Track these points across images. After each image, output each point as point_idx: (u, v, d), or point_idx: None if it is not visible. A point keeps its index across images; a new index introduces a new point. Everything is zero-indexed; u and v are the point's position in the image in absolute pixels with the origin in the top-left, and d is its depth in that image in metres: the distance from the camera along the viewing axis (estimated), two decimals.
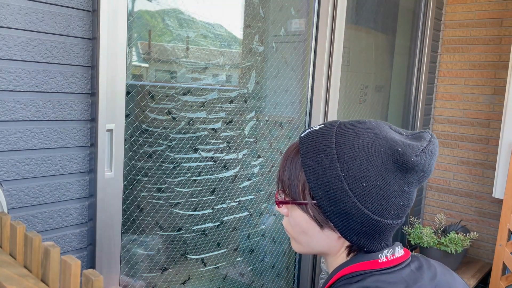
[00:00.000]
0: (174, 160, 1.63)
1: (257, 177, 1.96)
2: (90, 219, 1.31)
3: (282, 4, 1.99)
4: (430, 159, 0.82)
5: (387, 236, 0.85)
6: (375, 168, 0.80)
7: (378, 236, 0.83)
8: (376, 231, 0.82)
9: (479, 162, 3.05)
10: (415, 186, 0.84)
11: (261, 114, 1.94)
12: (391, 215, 0.82)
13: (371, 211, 0.80)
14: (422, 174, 0.82)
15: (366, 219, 0.81)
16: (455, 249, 2.58)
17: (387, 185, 0.80)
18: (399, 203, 0.82)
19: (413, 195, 0.84)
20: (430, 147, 0.82)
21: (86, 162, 1.28)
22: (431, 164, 0.83)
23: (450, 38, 3.14)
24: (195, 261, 1.76)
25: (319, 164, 0.82)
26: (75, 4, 1.20)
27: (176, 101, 1.60)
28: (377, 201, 0.80)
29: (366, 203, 0.80)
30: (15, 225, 0.92)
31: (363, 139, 0.82)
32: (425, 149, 0.81)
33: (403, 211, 0.84)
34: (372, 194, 0.80)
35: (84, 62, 1.24)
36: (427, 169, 0.82)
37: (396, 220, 0.84)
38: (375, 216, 0.81)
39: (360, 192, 0.80)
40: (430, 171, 0.83)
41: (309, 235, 0.87)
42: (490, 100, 2.99)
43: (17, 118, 1.14)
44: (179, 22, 1.59)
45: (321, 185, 0.82)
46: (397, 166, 0.80)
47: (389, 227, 0.83)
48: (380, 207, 0.81)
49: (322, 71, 2.08)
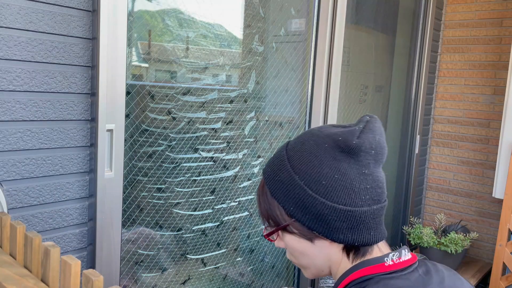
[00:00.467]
0: (174, 160, 1.63)
1: (257, 177, 1.96)
2: (90, 219, 1.31)
3: (282, 4, 1.99)
4: (374, 136, 0.84)
5: (373, 224, 0.85)
6: (327, 164, 0.83)
7: (363, 227, 0.84)
8: (357, 222, 0.83)
9: (479, 162, 3.05)
10: (374, 166, 0.85)
11: (261, 114, 1.94)
12: (364, 202, 0.83)
13: (342, 204, 0.82)
14: (373, 152, 0.84)
15: (341, 213, 0.83)
16: (455, 249, 2.58)
17: (344, 175, 0.82)
18: (365, 187, 0.83)
19: (377, 175, 0.85)
20: (369, 126, 0.84)
21: (86, 162, 1.28)
22: (378, 141, 0.84)
23: (450, 38, 3.14)
24: (195, 261, 1.76)
25: (281, 183, 0.86)
26: (75, 4, 1.20)
27: (176, 101, 1.60)
28: (342, 193, 0.82)
29: (333, 199, 0.82)
30: (15, 225, 0.92)
31: (308, 144, 0.86)
32: (364, 129, 0.84)
33: (376, 193, 0.85)
34: (336, 188, 0.82)
35: (84, 62, 1.24)
36: (376, 146, 0.84)
37: (374, 206, 0.85)
38: (347, 207, 0.82)
39: (323, 191, 0.82)
40: (381, 147, 0.85)
41: (307, 255, 0.89)
42: (490, 100, 2.99)
43: (17, 118, 1.14)
44: (179, 22, 1.59)
45: (289, 200, 0.85)
46: (345, 153, 0.83)
47: (369, 214, 0.84)
48: (348, 197, 0.82)
49: (322, 71, 2.08)
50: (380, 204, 0.86)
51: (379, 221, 0.86)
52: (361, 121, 0.86)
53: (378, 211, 0.85)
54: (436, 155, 3.25)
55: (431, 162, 3.27)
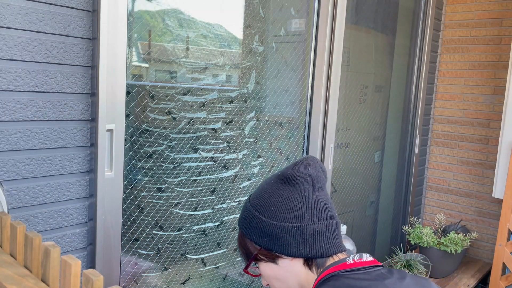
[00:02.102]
0: (174, 160, 1.63)
1: (257, 177, 1.96)
2: (90, 219, 1.31)
3: (282, 4, 1.99)
4: (306, 166, 1.05)
5: (324, 238, 1.01)
6: (273, 194, 1.04)
7: (312, 240, 1.00)
8: (304, 236, 1.00)
9: (479, 162, 3.05)
10: (313, 189, 1.03)
11: (261, 114, 1.95)
12: (308, 218, 1.01)
13: (288, 221, 1.01)
14: (308, 179, 1.04)
15: (289, 229, 1.00)
16: (455, 249, 2.58)
17: (287, 199, 1.02)
18: (307, 206, 1.01)
19: (318, 197, 1.03)
20: (301, 160, 1.07)
21: (86, 162, 1.28)
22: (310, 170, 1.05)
23: (450, 38, 3.14)
24: (195, 261, 1.77)
25: (246, 220, 1.07)
26: (75, 4, 1.20)
27: (176, 101, 1.60)
28: (287, 213, 1.01)
29: (281, 219, 1.01)
30: (15, 225, 0.92)
31: (261, 186, 1.10)
32: (297, 163, 1.06)
33: (319, 211, 1.01)
34: (282, 211, 1.02)
35: (84, 62, 1.24)
36: (309, 174, 1.04)
37: (319, 221, 1.01)
38: (293, 224, 1.00)
39: (273, 215, 1.02)
40: (315, 175, 1.04)
41: (278, 278, 1.04)
42: (490, 100, 3.00)
43: (17, 118, 1.14)
44: (179, 22, 1.59)
45: (252, 230, 1.05)
46: (285, 183, 1.05)
47: (316, 229, 1.00)
48: (293, 215, 1.01)
49: (322, 71, 2.08)
50: (327, 220, 1.02)
51: (331, 236, 1.02)
52: (300, 159, 1.09)
53: (326, 226, 1.01)
54: (436, 155, 3.25)
55: (431, 162, 3.27)
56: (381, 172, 2.95)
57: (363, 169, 2.73)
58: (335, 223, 1.03)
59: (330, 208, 1.04)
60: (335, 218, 1.04)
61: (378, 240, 3.02)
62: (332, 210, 1.04)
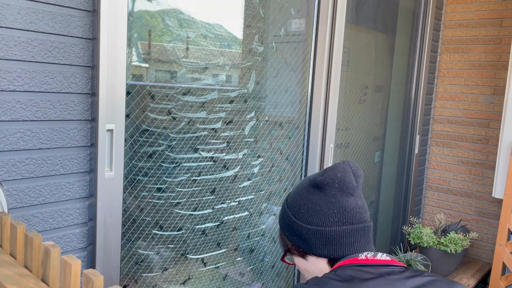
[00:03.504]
0: (174, 160, 1.63)
1: (257, 177, 1.96)
2: (90, 219, 1.31)
3: (282, 4, 1.99)
4: (335, 173, 1.12)
5: (347, 242, 1.08)
6: (304, 197, 1.14)
7: (335, 243, 1.09)
8: (328, 239, 1.09)
9: (479, 162, 3.05)
10: (341, 196, 1.10)
11: (261, 114, 1.95)
12: (333, 223, 1.09)
13: (314, 225, 1.10)
14: (337, 185, 1.11)
15: (314, 232, 1.10)
16: (455, 249, 2.58)
17: (315, 203, 1.12)
18: (333, 212, 1.09)
19: (345, 203, 1.10)
20: (332, 167, 1.15)
21: (86, 162, 1.28)
22: (339, 177, 1.12)
23: (450, 38, 3.14)
24: (195, 261, 1.77)
25: (282, 217, 1.19)
26: (75, 4, 1.20)
27: (176, 101, 1.60)
28: (314, 217, 1.10)
29: (308, 222, 1.11)
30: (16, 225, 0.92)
31: (296, 188, 1.19)
32: (327, 169, 1.14)
33: (344, 217, 1.09)
34: (309, 214, 1.11)
35: (84, 62, 1.24)
36: (338, 181, 1.11)
37: (344, 226, 1.08)
38: (318, 227, 1.10)
39: (301, 217, 1.13)
40: (343, 181, 1.11)
41: (307, 271, 1.15)
42: (490, 100, 3.00)
43: (17, 118, 1.14)
44: (179, 22, 1.59)
45: (286, 228, 1.17)
46: (315, 188, 1.14)
47: (340, 233, 1.08)
48: (319, 219, 1.10)
49: (322, 71, 2.08)
50: (353, 225, 1.09)
51: (356, 240, 1.09)
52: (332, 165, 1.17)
53: (351, 231, 1.08)
54: (435, 155, 3.25)
55: (431, 162, 3.27)
56: (381, 172, 2.95)
57: (363, 169, 2.73)
58: (363, 227, 1.10)
59: (359, 213, 1.10)
60: (363, 222, 1.11)
61: (378, 240, 3.02)
62: (361, 215, 1.11)
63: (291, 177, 2.16)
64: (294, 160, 2.15)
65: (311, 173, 2.13)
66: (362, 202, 1.14)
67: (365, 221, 1.11)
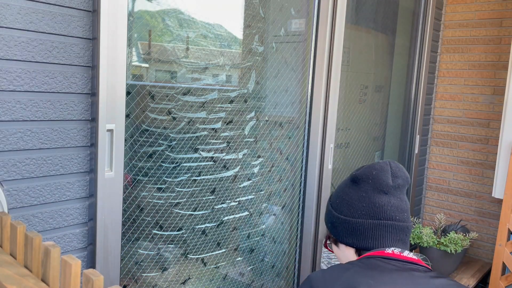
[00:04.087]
0: (174, 160, 1.63)
1: (257, 177, 1.96)
2: (90, 219, 1.31)
3: (282, 4, 2.00)
4: (371, 170, 1.19)
5: (371, 235, 1.13)
6: (341, 188, 1.25)
7: (360, 234, 1.15)
8: (353, 229, 1.16)
9: (479, 162, 3.05)
10: (373, 192, 1.17)
11: (261, 114, 1.95)
12: (360, 215, 1.15)
13: (343, 214, 1.19)
14: (371, 181, 1.18)
15: (343, 221, 1.18)
16: (455, 249, 2.58)
17: (348, 195, 1.21)
18: (362, 205, 1.16)
19: (375, 199, 1.16)
20: (372, 164, 1.22)
21: (86, 162, 1.28)
22: (375, 174, 1.18)
23: (450, 38, 3.14)
24: (195, 261, 1.77)
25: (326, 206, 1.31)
26: (75, 4, 1.20)
27: (176, 101, 1.60)
28: (345, 207, 1.19)
29: (339, 211, 1.21)
30: (16, 225, 0.92)
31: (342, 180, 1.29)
32: (365, 165, 1.22)
33: (372, 211, 1.14)
34: (342, 204, 1.21)
35: (85, 62, 1.24)
36: (372, 177, 1.18)
37: (370, 220, 1.14)
38: (346, 217, 1.18)
39: (336, 206, 1.23)
40: (378, 179, 1.18)
41: (340, 258, 1.24)
42: (490, 100, 3.00)
43: (17, 118, 1.14)
44: (179, 22, 1.59)
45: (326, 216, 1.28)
46: (352, 182, 1.22)
47: (366, 226, 1.14)
48: (348, 210, 1.18)
49: (322, 71, 2.08)
50: (380, 220, 1.14)
51: (379, 235, 1.13)
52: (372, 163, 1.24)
53: (377, 225, 1.13)
54: (435, 155, 3.25)
55: (431, 162, 3.27)
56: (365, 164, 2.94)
57: None
58: (392, 224, 1.14)
59: (390, 211, 1.15)
60: (394, 220, 1.15)
61: None
62: (392, 213, 1.15)
63: (291, 177, 2.16)
64: (294, 160, 2.15)
65: (311, 173, 2.14)
66: (399, 202, 1.17)
67: (397, 220, 1.14)
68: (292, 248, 2.21)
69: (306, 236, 2.16)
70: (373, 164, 1.22)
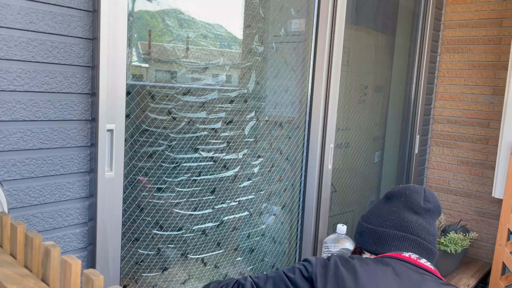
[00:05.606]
0: (174, 160, 1.63)
1: (257, 177, 1.96)
2: (90, 219, 1.31)
3: (282, 4, 2.00)
4: (405, 190, 1.27)
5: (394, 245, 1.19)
6: (375, 204, 1.32)
7: (384, 243, 1.20)
8: (378, 238, 1.22)
9: (479, 162, 3.05)
10: (403, 209, 1.24)
11: (261, 114, 1.95)
12: (386, 226, 1.23)
13: (371, 224, 1.28)
14: (403, 199, 1.27)
15: (370, 230, 1.27)
16: (455, 249, 2.58)
17: (380, 209, 1.31)
18: (391, 218, 1.24)
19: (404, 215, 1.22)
20: (407, 185, 1.29)
21: (86, 162, 1.28)
22: (408, 194, 1.26)
23: (450, 38, 3.14)
24: (195, 261, 1.77)
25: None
26: (75, 4, 1.20)
27: (176, 101, 1.60)
28: (374, 218, 1.29)
29: (368, 221, 1.31)
30: (16, 225, 0.92)
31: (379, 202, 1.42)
32: (401, 186, 1.29)
33: (399, 224, 1.21)
34: (372, 216, 1.31)
35: (85, 62, 1.24)
36: (405, 196, 1.27)
37: (396, 231, 1.21)
38: (373, 227, 1.27)
39: (366, 218, 1.34)
40: (411, 199, 1.25)
41: None
42: (490, 100, 3.00)
43: (17, 118, 1.14)
44: (179, 22, 1.59)
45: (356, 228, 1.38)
46: (385, 198, 1.33)
47: (390, 236, 1.20)
48: (377, 220, 1.28)
49: (322, 71, 2.08)
50: (405, 233, 1.19)
51: (402, 246, 1.19)
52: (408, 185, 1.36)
53: (402, 237, 1.19)
54: (435, 155, 3.25)
55: (431, 162, 3.27)
56: (381, 172, 2.95)
57: (363, 169, 2.73)
58: (417, 240, 1.19)
59: (417, 228, 1.20)
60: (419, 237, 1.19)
61: None
62: (419, 231, 1.20)
63: (291, 177, 2.16)
64: (294, 160, 2.15)
65: (311, 173, 2.14)
66: (428, 225, 1.21)
67: (422, 238, 1.18)
68: (292, 248, 2.21)
69: (306, 236, 2.16)
70: (409, 185, 1.29)
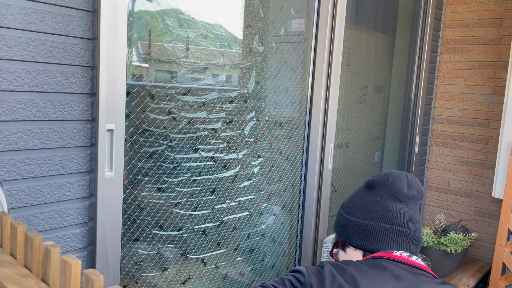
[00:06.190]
0: (174, 160, 1.63)
1: (257, 177, 1.96)
2: (90, 219, 1.31)
3: (282, 4, 2.00)
4: (387, 177, 1.20)
5: (382, 238, 1.13)
6: (356, 194, 1.26)
7: (371, 237, 1.15)
8: (364, 231, 1.16)
9: (479, 162, 3.05)
10: (388, 198, 1.18)
11: (261, 114, 1.95)
12: (372, 218, 1.16)
13: (355, 217, 1.20)
14: (386, 187, 1.19)
15: (354, 223, 1.19)
16: (455, 249, 2.58)
17: (362, 200, 1.22)
18: (376, 209, 1.17)
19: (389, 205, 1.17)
20: (388, 172, 1.23)
21: (86, 162, 1.28)
22: (391, 181, 1.19)
23: (450, 38, 3.14)
24: (195, 261, 1.77)
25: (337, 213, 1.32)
26: (75, 4, 1.20)
27: (176, 101, 1.60)
28: (358, 211, 1.20)
29: (352, 214, 1.22)
30: (16, 225, 0.92)
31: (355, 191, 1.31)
32: (382, 173, 1.24)
33: (385, 216, 1.15)
34: (355, 207, 1.22)
35: (85, 62, 1.24)
36: (388, 184, 1.19)
37: (382, 223, 1.15)
38: (358, 220, 1.19)
39: (347, 210, 1.24)
40: (394, 186, 1.19)
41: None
42: (490, 100, 3.00)
43: (17, 118, 1.14)
44: (179, 22, 1.59)
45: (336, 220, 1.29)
46: (367, 187, 1.25)
47: (376, 228, 1.14)
48: (361, 213, 1.19)
49: (322, 71, 2.08)
50: (392, 225, 1.14)
51: (390, 239, 1.14)
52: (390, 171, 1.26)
53: (388, 230, 1.14)
54: (435, 155, 3.25)
55: (431, 162, 3.27)
56: (381, 172, 2.94)
57: (363, 169, 2.73)
58: (403, 231, 1.15)
59: (402, 218, 1.15)
60: (405, 228, 1.15)
61: None
62: (405, 220, 1.15)
63: (291, 177, 2.16)
64: (294, 160, 2.15)
65: (311, 173, 2.14)
66: (412, 213, 1.17)
67: (408, 228, 1.14)
68: (292, 248, 2.21)
69: (306, 236, 2.16)
70: (390, 172, 1.23)
